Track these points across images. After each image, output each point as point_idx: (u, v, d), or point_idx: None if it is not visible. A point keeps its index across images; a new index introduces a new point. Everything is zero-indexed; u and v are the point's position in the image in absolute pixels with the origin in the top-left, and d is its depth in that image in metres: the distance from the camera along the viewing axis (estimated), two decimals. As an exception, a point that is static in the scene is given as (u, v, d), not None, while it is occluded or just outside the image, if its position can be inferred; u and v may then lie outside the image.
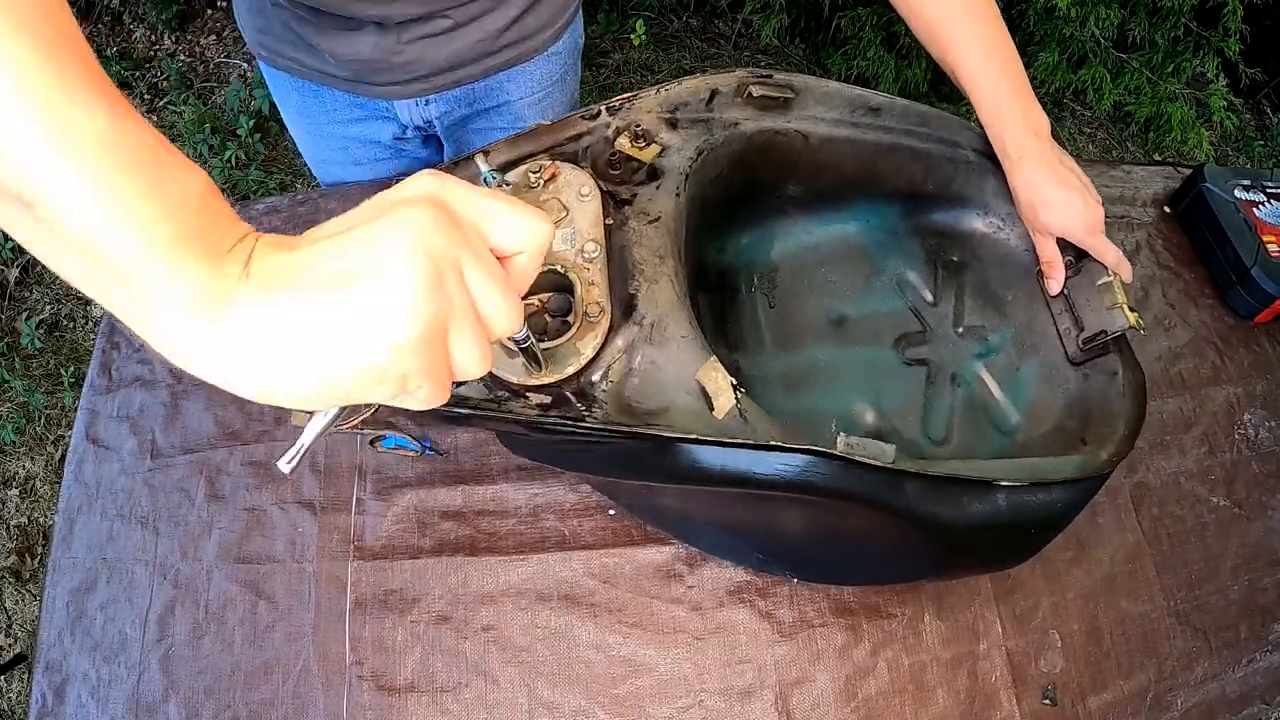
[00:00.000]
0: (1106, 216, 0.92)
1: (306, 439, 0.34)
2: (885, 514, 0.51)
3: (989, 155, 0.66)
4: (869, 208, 0.70)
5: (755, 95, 0.61)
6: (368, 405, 0.55)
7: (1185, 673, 0.71)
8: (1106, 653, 0.70)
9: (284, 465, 0.35)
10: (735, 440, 0.47)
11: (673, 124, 0.60)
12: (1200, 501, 0.78)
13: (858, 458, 0.47)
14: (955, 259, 0.70)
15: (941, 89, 1.81)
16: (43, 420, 1.56)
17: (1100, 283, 0.61)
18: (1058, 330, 0.65)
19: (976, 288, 0.69)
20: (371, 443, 0.69)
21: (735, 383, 0.49)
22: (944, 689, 0.67)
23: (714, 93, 0.61)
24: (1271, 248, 0.86)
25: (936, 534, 0.52)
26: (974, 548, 0.56)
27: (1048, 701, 0.68)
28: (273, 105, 1.76)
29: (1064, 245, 0.64)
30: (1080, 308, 0.63)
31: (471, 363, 0.29)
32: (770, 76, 0.61)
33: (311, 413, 0.34)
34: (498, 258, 0.30)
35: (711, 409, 0.49)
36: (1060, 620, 0.70)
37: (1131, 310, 0.59)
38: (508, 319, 0.30)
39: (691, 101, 0.61)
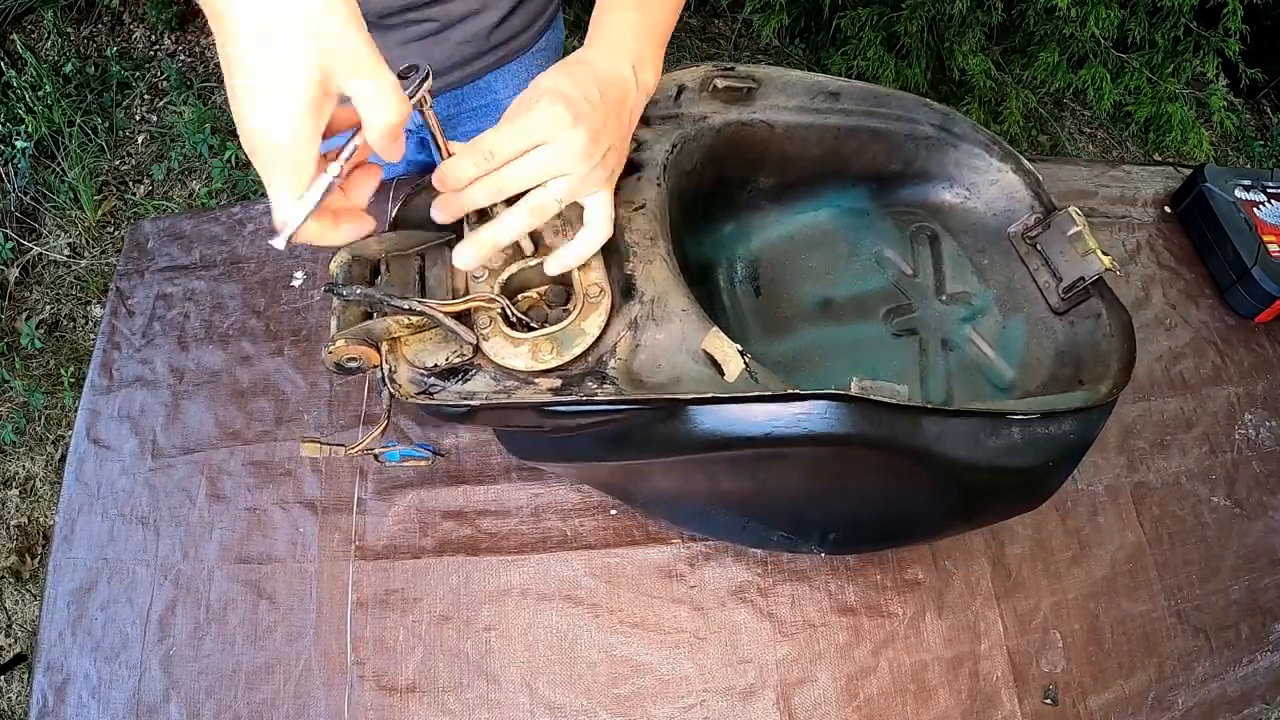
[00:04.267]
0: (1107, 216, 0.93)
1: (304, 208, 0.38)
2: (903, 459, 0.51)
3: (947, 129, 0.68)
4: (838, 193, 0.72)
5: (720, 88, 0.62)
6: (378, 426, 0.55)
7: (1186, 672, 0.71)
8: (1107, 652, 0.70)
9: (278, 243, 0.38)
10: (752, 394, 0.47)
11: (645, 120, 0.61)
12: (1201, 501, 0.78)
13: (874, 397, 0.48)
14: (928, 232, 0.72)
15: (941, 89, 1.81)
16: (43, 420, 1.56)
17: (1070, 233, 0.63)
18: (1037, 285, 0.66)
19: (953, 256, 0.71)
20: (375, 457, 0.68)
21: (741, 348, 0.49)
22: (945, 689, 0.67)
23: (681, 88, 0.63)
24: (1272, 247, 0.86)
25: (955, 475, 0.53)
26: (993, 487, 0.57)
27: (1049, 701, 0.68)
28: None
29: (1032, 203, 0.66)
30: (1055, 260, 0.65)
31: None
32: (733, 69, 0.63)
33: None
34: None
35: (722, 374, 0.49)
36: (1061, 620, 0.70)
37: (1105, 254, 0.61)
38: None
39: (660, 98, 0.62)
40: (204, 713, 0.65)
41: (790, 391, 0.47)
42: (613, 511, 0.71)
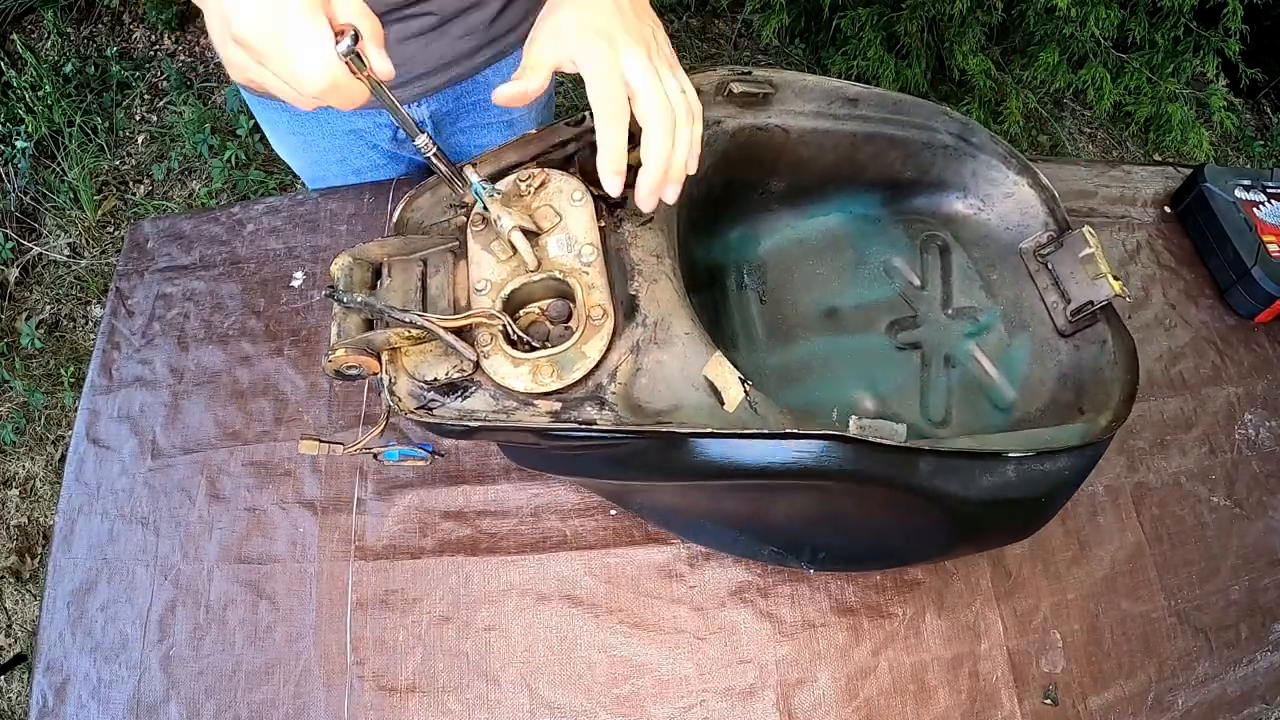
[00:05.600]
0: (1107, 216, 0.93)
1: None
2: (899, 493, 0.51)
3: (965, 139, 0.67)
4: (851, 198, 0.71)
5: (736, 92, 0.61)
6: (378, 425, 0.56)
7: (1186, 672, 0.71)
8: (1107, 653, 0.70)
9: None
10: (750, 431, 0.47)
11: None
12: (1201, 501, 0.78)
13: (871, 439, 0.47)
14: (939, 242, 0.71)
15: (941, 89, 1.81)
16: (43, 420, 1.56)
17: (1083, 254, 0.63)
18: (1045, 305, 0.66)
19: (962, 269, 0.70)
20: (375, 457, 0.70)
21: (742, 376, 0.49)
22: (945, 689, 0.67)
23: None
24: (1272, 247, 0.86)
25: (950, 509, 0.53)
26: (987, 520, 0.57)
27: (1049, 701, 0.68)
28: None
29: (1046, 220, 0.65)
30: (1065, 280, 0.64)
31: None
32: (749, 73, 0.62)
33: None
34: None
35: (722, 403, 0.49)
36: (1061, 620, 0.70)
37: (1116, 279, 0.61)
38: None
39: None
40: (204, 713, 0.65)
41: (787, 431, 0.47)
42: (612, 512, 0.71)
